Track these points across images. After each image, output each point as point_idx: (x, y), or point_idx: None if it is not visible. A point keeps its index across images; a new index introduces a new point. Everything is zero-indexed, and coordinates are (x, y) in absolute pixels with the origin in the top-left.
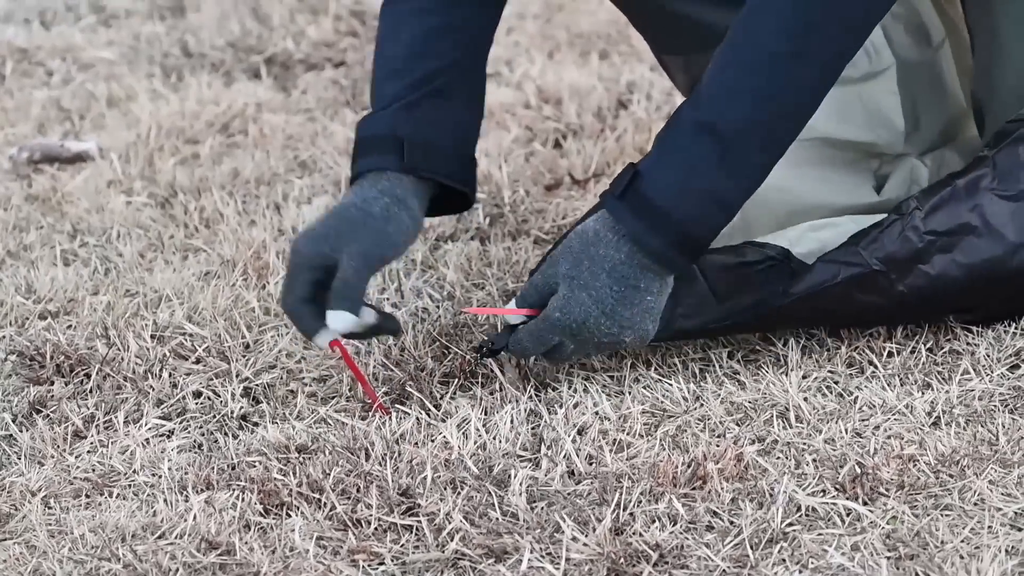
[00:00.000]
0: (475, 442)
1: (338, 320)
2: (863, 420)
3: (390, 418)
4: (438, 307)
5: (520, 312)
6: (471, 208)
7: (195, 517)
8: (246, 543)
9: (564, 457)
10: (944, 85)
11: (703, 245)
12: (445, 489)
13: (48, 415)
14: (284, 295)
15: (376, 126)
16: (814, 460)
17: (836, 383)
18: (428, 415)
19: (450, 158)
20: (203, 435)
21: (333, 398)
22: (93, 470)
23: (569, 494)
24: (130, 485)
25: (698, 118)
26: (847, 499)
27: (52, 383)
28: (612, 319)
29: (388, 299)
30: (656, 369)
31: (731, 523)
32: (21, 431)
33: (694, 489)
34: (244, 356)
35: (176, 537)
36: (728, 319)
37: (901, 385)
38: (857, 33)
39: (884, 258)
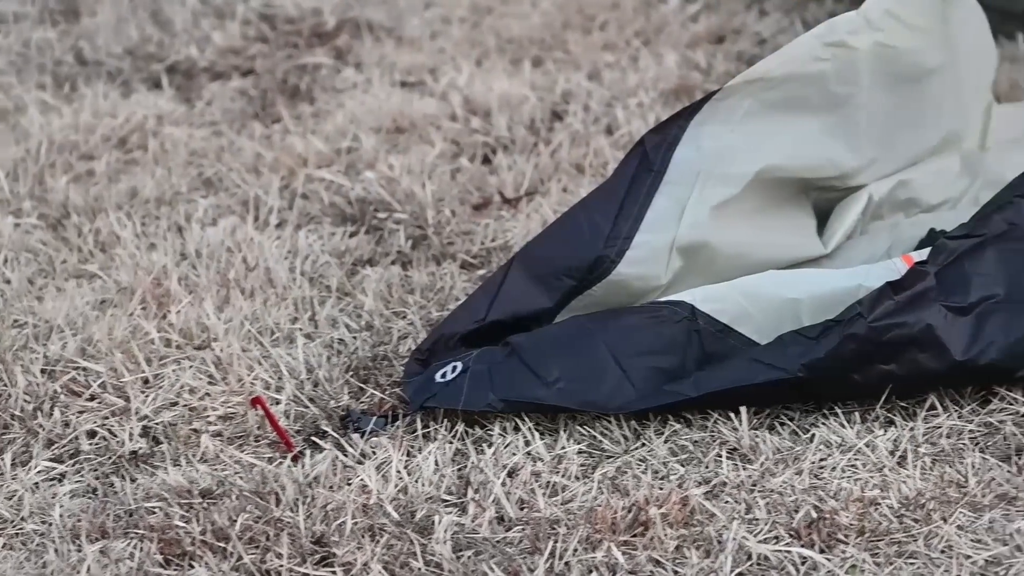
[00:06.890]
0: (396, 485)
1: None
2: (820, 460)
3: (302, 459)
4: (355, 338)
5: None
6: None
7: (89, 569)
8: None
9: (493, 501)
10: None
11: None
12: (363, 537)
13: None
14: None
15: None
16: (766, 504)
17: (791, 420)
18: (344, 455)
19: None
20: (98, 479)
21: (240, 437)
22: None
23: (498, 542)
24: (17, 534)
25: None
26: (802, 546)
27: None
28: None
29: (300, 329)
30: None
31: (675, 573)
32: None
33: (635, 536)
34: (143, 392)
35: None
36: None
37: (861, 422)
38: None
39: (810, 365)
